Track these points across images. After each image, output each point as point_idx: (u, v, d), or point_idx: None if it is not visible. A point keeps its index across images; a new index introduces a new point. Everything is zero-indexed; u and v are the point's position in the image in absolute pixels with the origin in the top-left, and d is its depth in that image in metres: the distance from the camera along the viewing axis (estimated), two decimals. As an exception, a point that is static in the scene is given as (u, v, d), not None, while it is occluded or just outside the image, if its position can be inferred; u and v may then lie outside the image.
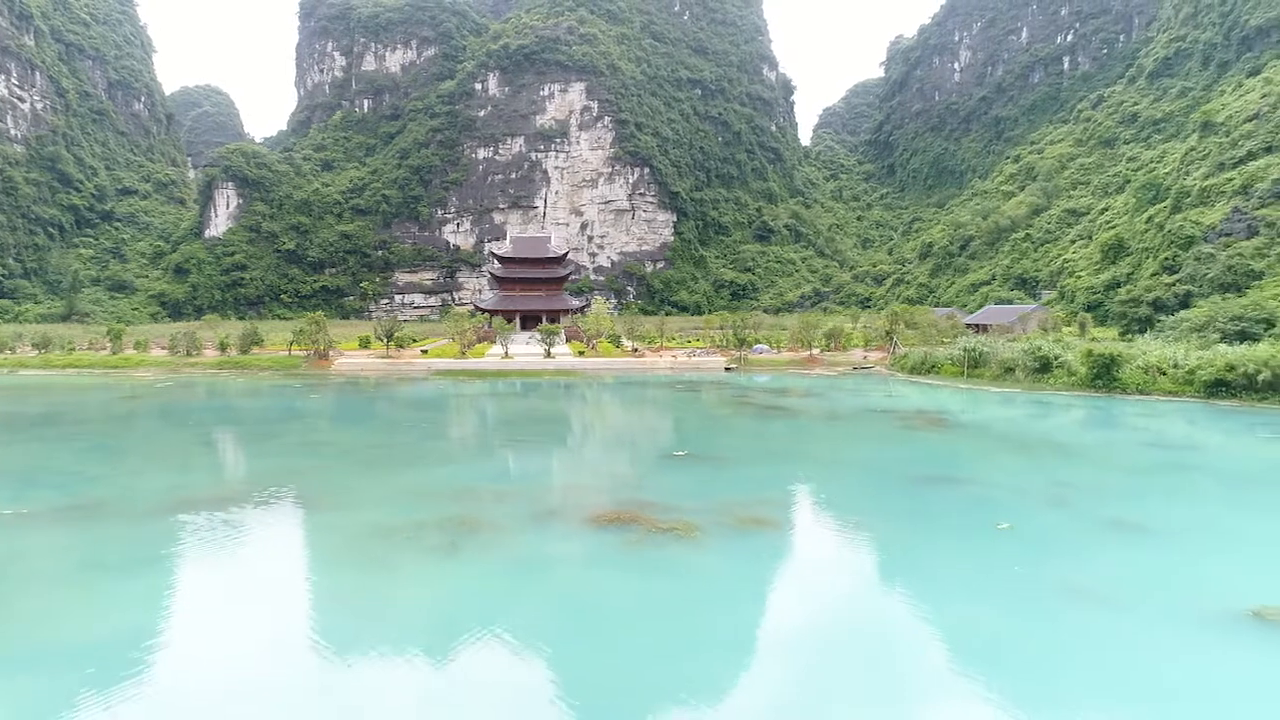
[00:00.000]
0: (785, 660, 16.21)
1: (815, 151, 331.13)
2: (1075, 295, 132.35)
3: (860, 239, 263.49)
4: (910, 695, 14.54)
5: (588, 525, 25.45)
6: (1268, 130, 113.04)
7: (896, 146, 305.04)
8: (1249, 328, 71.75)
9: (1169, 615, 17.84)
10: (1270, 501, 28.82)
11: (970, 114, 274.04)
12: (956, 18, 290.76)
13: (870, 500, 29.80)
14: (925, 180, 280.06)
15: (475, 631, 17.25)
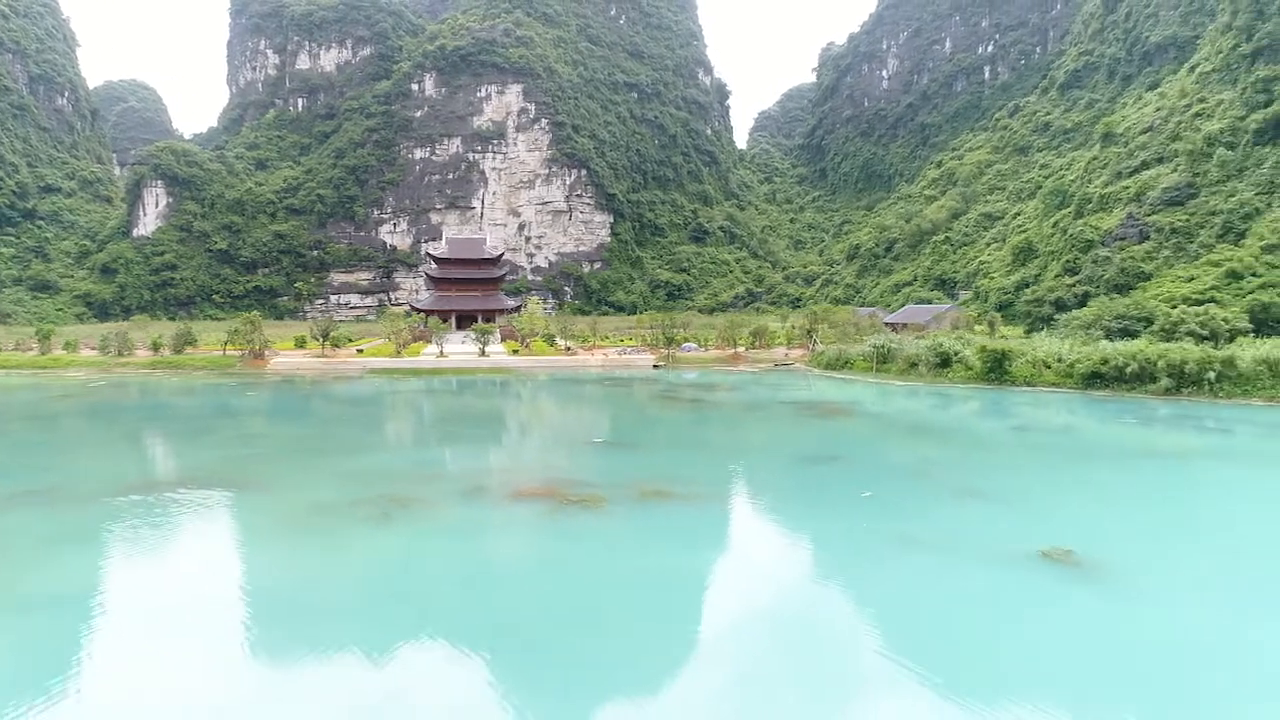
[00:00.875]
0: (668, 595, 19.77)
1: (751, 154, 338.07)
2: (989, 295, 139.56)
3: (793, 240, 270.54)
4: (763, 617, 18.23)
5: (508, 499, 28.75)
6: (1159, 142, 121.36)
7: (828, 151, 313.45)
8: (1130, 325, 78.16)
9: (976, 556, 21.93)
10: (1095, 472, 33.51)
11: (898, 120, 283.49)
12: (884, 27, 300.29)
13: (761, 476, 33.69)
14: (855, 184, 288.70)
15: (403, 583, 20.45)
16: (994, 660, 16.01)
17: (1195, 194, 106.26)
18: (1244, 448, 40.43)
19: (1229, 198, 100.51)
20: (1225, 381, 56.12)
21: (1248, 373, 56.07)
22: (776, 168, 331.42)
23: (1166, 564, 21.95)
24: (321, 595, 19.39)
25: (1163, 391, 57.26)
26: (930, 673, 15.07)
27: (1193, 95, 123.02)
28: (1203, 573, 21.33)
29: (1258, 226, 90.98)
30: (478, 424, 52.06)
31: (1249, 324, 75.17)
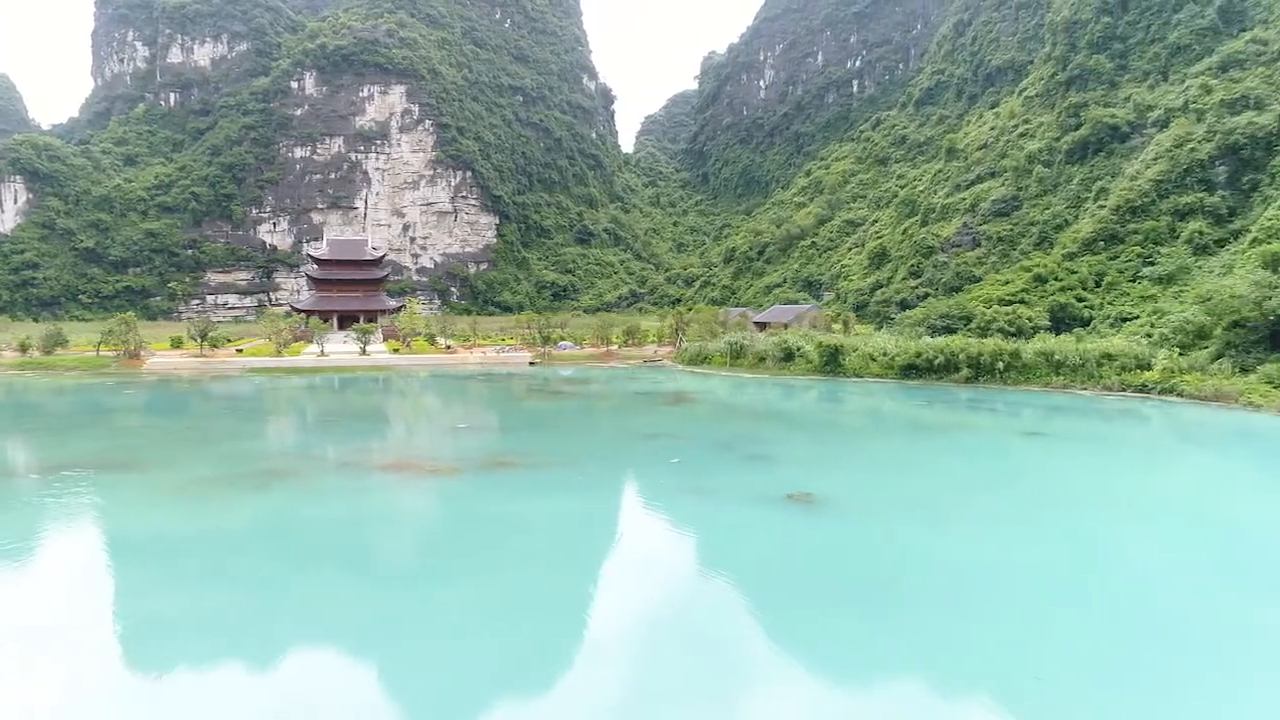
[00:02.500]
0: (501, 530, 25.32)
1: (637, 158, 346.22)
2: (848, 296, 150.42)
3: (676, 243, 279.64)
4: (575, 541, 24.04)
5: (372, 471, 33.70)
6: (992, 158, 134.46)
7: (710, 156, 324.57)
8: (952, 323, 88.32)
9: (741, 499, 28.42)
10: (865, 440, 41.01)
11: (774, 129, 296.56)
12: (761, 39, 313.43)
13: (597, 449, 39.67)
14: (736, 189, 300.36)
15: (280, 527, 25.33)
16: (740, 559, 22.36)
17: (1019, 206, 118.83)
18: (990, 422, 49.12)
19: (1045, 210, 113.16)
20: (1012, 370, 65.72)
21: (1030, 363, 65.84)
22: (661, 171, 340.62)
23: (877, 500, 29.07)
24: (211, 537, 24.08)
25: (963, 379, 66.51)
26: (693, 565, 21.25)
27: (1019, 117, 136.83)
28: (901, 505, 28.47)
29: (1062, 236, 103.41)
30: (353, 415, 56.16)
31: (1049, 322, 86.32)
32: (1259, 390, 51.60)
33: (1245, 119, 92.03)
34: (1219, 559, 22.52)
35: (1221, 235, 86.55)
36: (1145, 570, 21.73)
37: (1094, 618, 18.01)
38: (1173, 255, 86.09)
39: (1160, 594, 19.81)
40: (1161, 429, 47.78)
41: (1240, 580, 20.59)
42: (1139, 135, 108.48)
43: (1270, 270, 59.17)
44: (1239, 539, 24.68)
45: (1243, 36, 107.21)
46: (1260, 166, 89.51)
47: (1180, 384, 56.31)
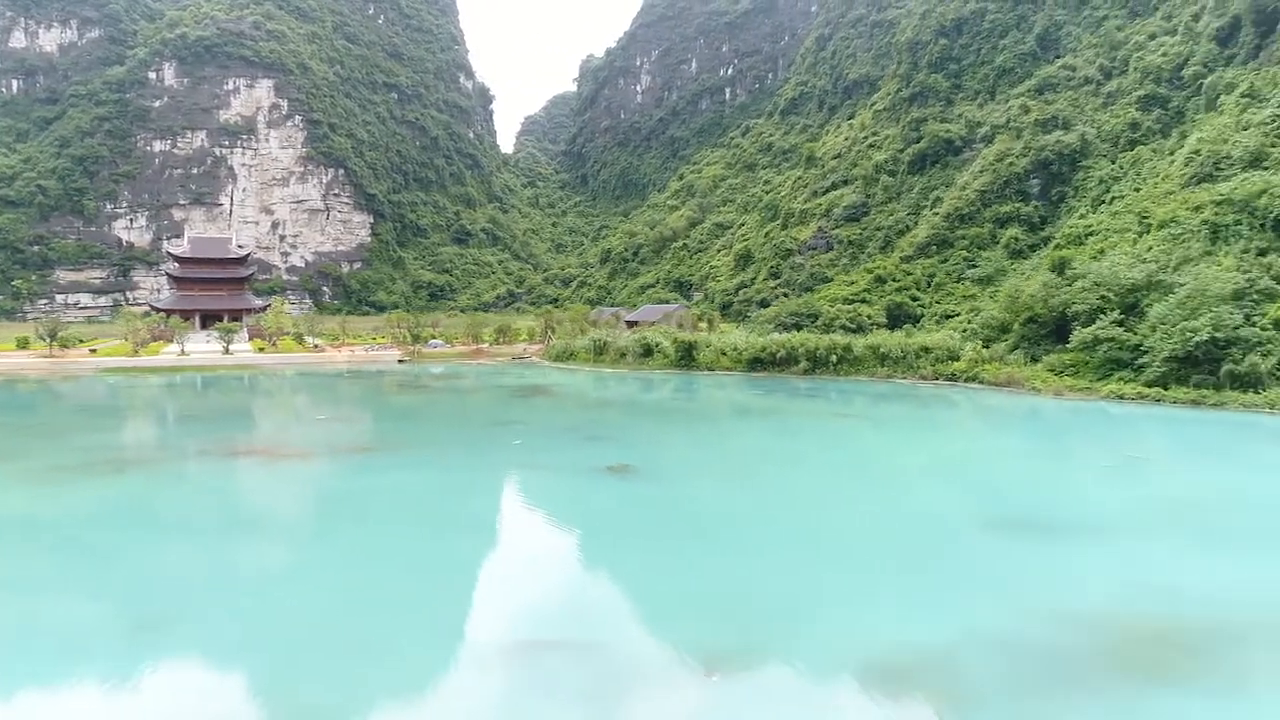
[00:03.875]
0: (347, 502, 28.18)
1: (516, 158, 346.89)
2: (716, 296, 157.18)
3: (555, 244, 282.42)
4: (420, 513, 27.18)
5: (228, 456, 35.79)
6: (845, 166, 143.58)
7: (589, 158, 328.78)
8: (801, 321, 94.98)
9: (570, 471, 32.23)
10: (692, 422, 45.66)
11: (651, 133, 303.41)
12: (638, 44, 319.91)
13: (449, 434, 42.75)
14: (614, 191, 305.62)
15: (135, 503, 27.45)
16: (555, 513, 26.08)
17: (867, 212, 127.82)
18: (813, 407, 54.96)
19: (889, 216, 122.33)
20: (844, 363, 72.24)
21: (860, 356, 72.48)
22: (541, 172, 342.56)
23: (686, 469, 33.51)
24: (68, 515, 26.04)
25: (802, 372, 72.62)
26: (517, 518, 24.79)
27: (869, 129, 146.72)
28: (706, 473, 32.96)
29: (901, 241, 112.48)
30: (214, 411, 57.00)
31: (885, 319, 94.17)
32: (1041, 377, 59.35)
33: (1055, 137, 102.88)
34: (966, 506, 27.80)
35: (1034, 241, 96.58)
36: (886, 515, 26.72)
37: (816, 549, 22.70)
38: (992, 259, 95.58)
39: (881, 531, 24.73)
40: (952, 410, 54.53)
41: (969, 521, 25.79)
42: (969, 149, 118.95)
43: (1057, 273, 67.60)
44: (979, 489, 30.21)
45: (1057, 62, 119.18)
46: (1067, 180, 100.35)
47: (981, 373, 63.80)
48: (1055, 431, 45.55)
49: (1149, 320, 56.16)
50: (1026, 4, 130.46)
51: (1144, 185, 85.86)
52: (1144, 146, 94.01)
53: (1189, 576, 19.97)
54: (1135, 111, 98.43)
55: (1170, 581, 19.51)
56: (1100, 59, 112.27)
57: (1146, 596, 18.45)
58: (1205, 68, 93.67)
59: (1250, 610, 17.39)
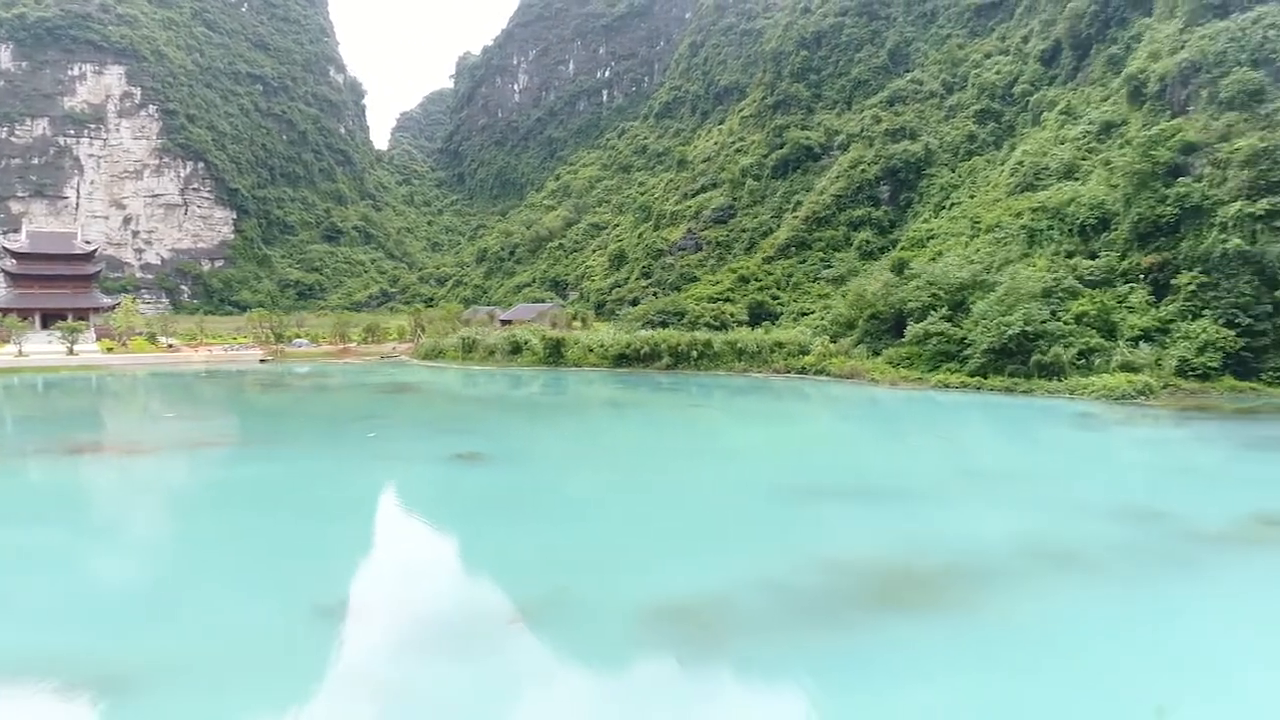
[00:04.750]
0: (190, 497, 28.36)
1: (392, 155, 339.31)
2: (591, 296, 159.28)
3: (430, 242, 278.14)
4: (263, 501, 27.63)
5: (69, 454, 35.00)
6: (714, 170, 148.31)
7: (466, 157, 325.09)
8: (668, 318, 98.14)
9: (423, 460, 33.27)
10: (549, 413, 47.35)
11: (528, 132, 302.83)
12: (515, 43, 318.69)
13: (304, 430, 42.90)
14: (491, 190, 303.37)
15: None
16: (409, 498, 27.12)
17: (734, 214, 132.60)
18: (669, 399, 57.67)
19: (754, 219, 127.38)
20: (704, 358, 75.41)
21: (719, 351, 75.80)
22: (417, 170, 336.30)
23: (531, 455, 35.17)
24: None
25: (665, 367, 75.34)
26: (366, 503, 25.70)
27: (737, 134, 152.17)
28: (549, 458, 34.68)
29: (764, 242, 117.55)
30: (53, 412, 54.64)
31: (747, 317, 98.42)
32: (880, 369, 63.97)
33: (902, 146, 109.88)
34: (785, 479, 30.43)
35: (884, 244, 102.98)
36: (711, 489, 29.07)
37: (638, 519, 24.82)
38: (845, 260, 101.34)
39: (702, 502, 27.05)
40: (798, 400, 58.19)
41: (782, 491, 28.38)
42: (828, 156, 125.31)
43: (896, 273, 72.80)
44: (801, 465, 33.05)
45: (906, 76, 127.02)
46: (913, 187, 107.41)
47: (828, 366, 68.05)
48: (883, 417, 49.56)
49: (973, 316, 61.44)
50: (880, 20, 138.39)
51: (977, 193, 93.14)
52: (979, 157, 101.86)
53: (951, 531, 23.02)
54: (973, 124, 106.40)
55: (934, 535, 22.48)
56: (944, 74, 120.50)
57: (910, 547, 21.29)
58: (1032, 86, 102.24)
59: (990, 557, 20.42)
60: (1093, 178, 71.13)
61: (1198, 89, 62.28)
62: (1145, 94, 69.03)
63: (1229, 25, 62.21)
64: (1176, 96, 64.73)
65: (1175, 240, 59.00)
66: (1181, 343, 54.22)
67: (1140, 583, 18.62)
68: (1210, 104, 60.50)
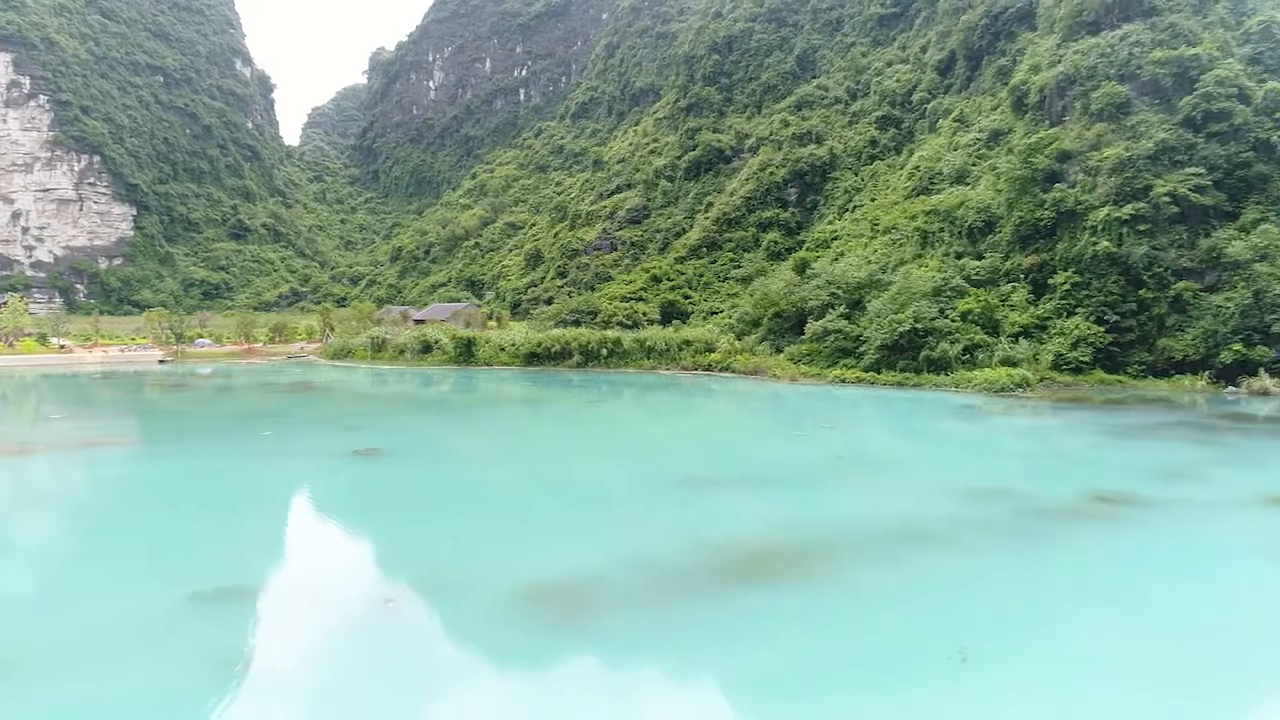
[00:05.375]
0: (77, 495, 27.94)
1: (303, 151, 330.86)
2: (507, 295, 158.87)
3: (344, 241, 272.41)
4: (152, 498, 27.40)
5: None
6: (629, 171, 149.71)
7: (380, 154, 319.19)
8: (581, 317, 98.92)
9: (316, 455, 33.36)
10: (459, 412, 47.74)
11: (445, 130, 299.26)
12: (430, 40, 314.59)
13: (200, 428, 42.31)
14: (407, 188, 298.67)
15: None
16: (299, 491, 27.29)
17: (648, 215, 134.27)
18: (575, 395, 58.66)
19: (668, 219, 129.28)
20: (614, 356, 76.64)
21: (629, 350, 77.15)
22: (329, 167, 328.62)
23: (428, 450, 35.69)
24: None
25: (575, 365, 76.26)
26: (252, 495, 25.79)
27: (651, 136, 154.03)
28: (445, 453, 35.22)
29: (677, 243, 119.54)
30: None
31: (659, 316, 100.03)
32: (782, 365, 66.20)
33: (809, 150, 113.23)
34: (672, 467, 31.63)
35: (791, 244, 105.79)
36: (602, 478, 30.13)
37: (524, 506, 25.73)
38: (754, 260, 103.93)
39: (590, 490, 28.09)
40: (702, 395, 59.84)
41: (668, 479, 29.58)
42: (738, 158, 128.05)
43: (798, 273, 75.33)
44: (690, 455, 34.38)
45: (813, 82, 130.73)
46: (818, 189, 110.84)
47: (733, 362, 70.04)
48: (779, 411, 51.51)
49: (869, 314, 64.15)
50: (788, 27, 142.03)
51: (878, 196, 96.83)
52: (881, 161, 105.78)
53: (822, 513, 24.58)
54: (875, 130, 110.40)
55: (806, 517, 23.99)
56: (848, 81, 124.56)
57: (781, 528, 22.71)
58: (929, 94, 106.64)
59: (852, 534, 21.98)
60: (982, 183, 74.88)
61: (1072, 100, 66.40)
62: (1027, 104, 73.13)
63: (1099, 41, 66.50)
64: (1054, 107, 68.82)
65: (1052, 242, 62.83)
66: (1057, 338, 57.85)
67: (979, 553, 20.41)
68: (1083, 115, 64.58)
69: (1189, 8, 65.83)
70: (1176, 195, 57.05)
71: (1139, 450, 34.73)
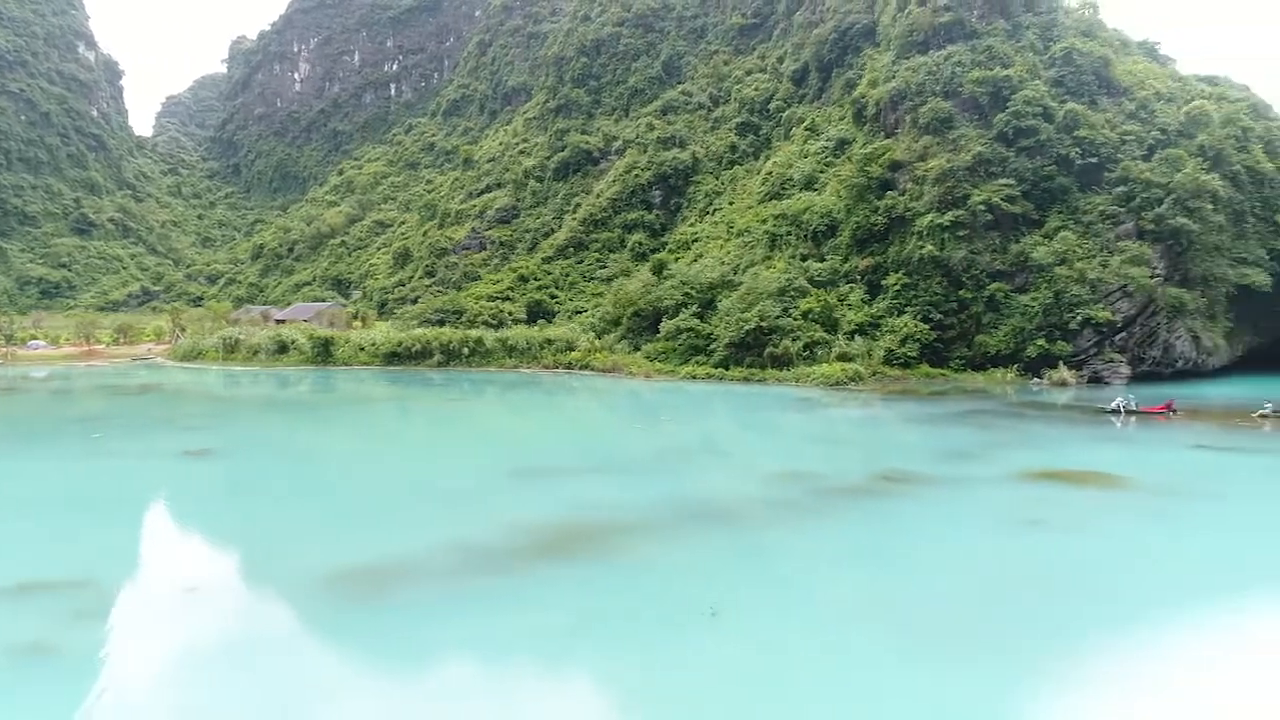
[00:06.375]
0: None
1: (156, 142, 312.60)
2: (374, 295, 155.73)
3: (201, 238, 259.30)
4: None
5: None
6: (499, 170, 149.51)
7: (241, 147, 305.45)
8: (446, 317, 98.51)
9: (147, 456, 32.85)
10: (304, 412, 47.51)
11: (311, 124, 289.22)
12: (294, 29, 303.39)
13: (23, 433, 40.61)
14: (270, 183, 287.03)
15: None
16: (131, 493, 26.97)
17: (517, 215, 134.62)
18: (433, 394, 59.15)
19: (537, 219, 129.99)
20: (477, 356, 77.05)
21: (491, 349, 77.73)
22: (185, 159, 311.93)
23: (263, 449, 35.63)
24: None
25: (436, 364, 76.23)
26: (69, 496, 25.39)
27: (521, 135, 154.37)
28: (280, 451, 35.36)
29: (544, 243, 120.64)
30: None
31: (525, 315, 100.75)
32: (637, 363, 68.36)
33: (673, 154, 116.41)
34: (511, 460, 32.81)
35: (655, 245, 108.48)
36: (438, 470, 31.09)
37: (350, 497, 26.51)
38: (619, 261, 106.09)
39: (420, 482, 29.07)
40: (562, 393, 61.30)
41: (502, 470, 30.79)
42: (606, 160, 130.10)
43: (655, 274, 77.88)
44: (532, 448, 35.72)
45: (678, 87, 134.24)
46: (682, 192, 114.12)
47: (592, 360, 71.75)
48: (628, 406, 53.52)
49: (719, 313, 67.14)
50: (655, 33, 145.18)
51: (736, 200, 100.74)
52: (740, 166, 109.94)
53: (636, 497, 26.38)
54: (734, 136, 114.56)
55: (620, 501, 25.74)
56: (711, 88, 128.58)
57: (594, 511, 24.35)
58: (785, 103, 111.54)
59: (656, 515, 23.85)
60: (827, 189, 79.36)
61: (903, 114, 71.42)
62: (866, 116, 78.03)
63: (927, 60, 71.85)
64: (888, 120, 73.79)
65: (885, 246, 67.49)
66: (888, 335, 62.26)
67: (763, 527, 22.69)
68: (913, 128, 69.61)
69: (1004, 33, 72.00)
70: (991, 204, 62.44)
71: (939, 435, 38.37)
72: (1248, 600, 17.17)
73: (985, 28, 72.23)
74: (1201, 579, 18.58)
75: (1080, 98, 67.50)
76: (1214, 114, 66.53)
